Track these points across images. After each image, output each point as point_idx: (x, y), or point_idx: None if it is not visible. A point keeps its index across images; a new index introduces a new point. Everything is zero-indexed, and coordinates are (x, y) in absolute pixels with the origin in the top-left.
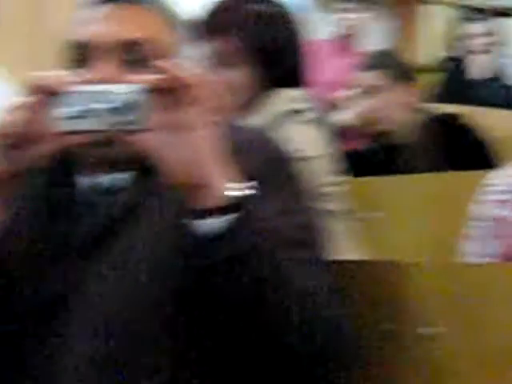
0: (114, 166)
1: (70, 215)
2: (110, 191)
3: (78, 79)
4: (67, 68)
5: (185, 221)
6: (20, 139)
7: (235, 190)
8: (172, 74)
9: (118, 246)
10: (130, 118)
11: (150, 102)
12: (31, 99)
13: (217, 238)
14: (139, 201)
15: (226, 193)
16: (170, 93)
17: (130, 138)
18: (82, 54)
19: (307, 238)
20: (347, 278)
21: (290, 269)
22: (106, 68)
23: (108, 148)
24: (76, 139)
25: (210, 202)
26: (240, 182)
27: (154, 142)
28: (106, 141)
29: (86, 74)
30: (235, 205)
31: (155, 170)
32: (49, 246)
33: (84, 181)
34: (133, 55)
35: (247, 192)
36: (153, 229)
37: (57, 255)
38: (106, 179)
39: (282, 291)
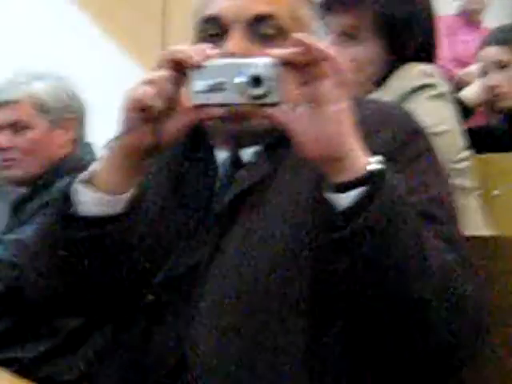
0: (246, 139)
1: (201, 189)
2: (242, 165)
3: (211, 53)
4: (200, 42)
5: (320, 194)
6: (155, 113)
7: (371, 163)
8: (307, 47)
9: (251, 218)
10: (265, 91)
11: (284, 76)
12: (166, 73)
13: (353, 210)
14: (271, 175)
15: (363, 166)
16: (304, 66)
17: (263, 111)
18: (214, 29)
19: (442, 212)
20: (477, 253)
21: (425, 243)
22: (239, 42)
23: (241, 121)
24: (209, 113)
25: (346, 175)
26: (375, 155)
27: (289, 115)
28: (239, 114)
29: (219, 48)
30: (372, 178)
31: (288, 143)
32: (180, 219)
33: (216, 154)
34: (265, 29)
35: (383, 165)
36: (286, 202)
37: (189, 228)
38: (238, 153)
39: (417, 264)
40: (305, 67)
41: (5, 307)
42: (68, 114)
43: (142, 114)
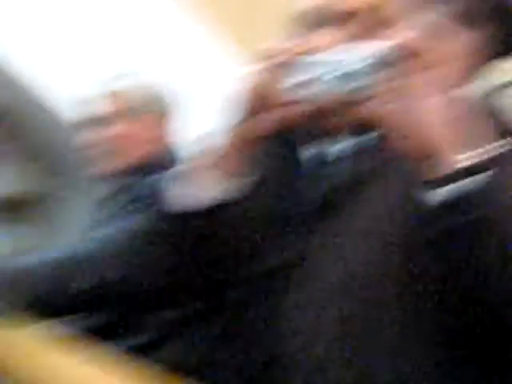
0: (339, 134)
1: (293, 185)
2: (334, 160)
3: (305, 48)
4: (294, 37)
5: (415, 190)
6: (252, 107)
7: (467, 158)
8: (400, 41)
9: (343, 216)
10: (359, 85)
11: (378, 70)
12: (262, 68)
13: (449, 206)
14: (364, 170)
15: (458, 161)
16: (398, 60)
17: (357, 106)
18: (307, 23)
19: None
20: None
21: None
22: (332, 36)
23: (335, 116)
24: (305, 107)
25: (442, 171)
26: (472, 150)
27: (383, 110)
28: (333, 109)
29: (312, 42)
30: (467, 173)
31: (382, 138)
32: (274, 216)
33: (308, 150)
34: (357, 23)
35: (479, 160)
36: (380, 199)
37: (282, 225)
38: (330, 148)
39: None
40: (400, 61)
41: (100, 302)
42: (159, 110)
43: (243, 109)
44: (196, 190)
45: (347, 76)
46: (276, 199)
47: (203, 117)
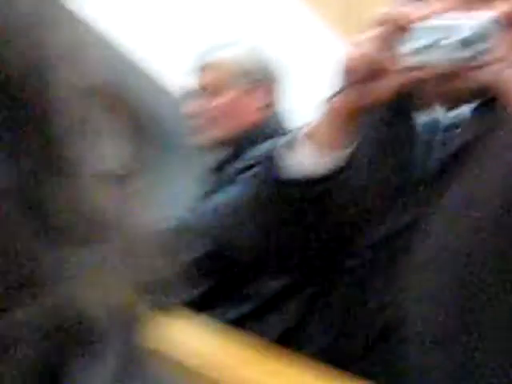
0: (456, 100)
1: (407, 152)
2: (449, 127)
3: (422, 13)
4: (410, 4)
5: None
6: (366, 74)
7: None
8: None
9: (458, 183)
10: (479, 50)
11: (499, 34)
12: (378, 34)
13: None
14: (480, 137)
15: None
16: None
17: (478, 71)
18: None
19: None
20: None
21: None
22: (450, 1)
23: (454, 82)
24: (423, 73)
25: None
26: None
27: (504, 75)
28: (452, 74)
29: (429, 7)
30: None
31: (501, 104)
32: (386, 182)
33: (422, 117)
34: None
35: None
36: (496, 166)
37: (394, 192)
38: (445, 115)
39: None
40: None
41: (204, 271)
42: (263, 80)
43: (356, 76)
44: (307, 157)
45: (465, 41)
46: (391, 165)
47: (311, 86)
